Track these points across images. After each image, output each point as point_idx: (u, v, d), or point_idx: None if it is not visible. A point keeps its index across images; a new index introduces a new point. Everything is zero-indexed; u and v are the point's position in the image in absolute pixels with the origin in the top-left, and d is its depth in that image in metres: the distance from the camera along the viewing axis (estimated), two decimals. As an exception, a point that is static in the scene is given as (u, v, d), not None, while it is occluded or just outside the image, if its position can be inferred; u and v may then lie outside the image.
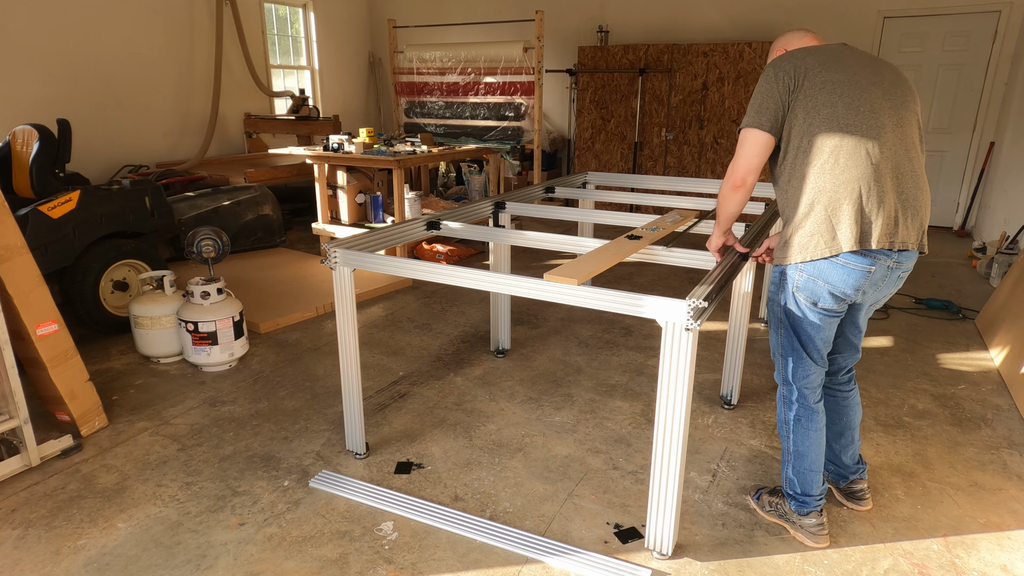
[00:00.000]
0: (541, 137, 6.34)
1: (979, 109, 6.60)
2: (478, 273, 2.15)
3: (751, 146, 1.97)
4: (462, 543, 2.15)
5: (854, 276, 1.90)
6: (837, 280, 1.91)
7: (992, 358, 3.67)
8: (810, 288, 1.95)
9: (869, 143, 1.85)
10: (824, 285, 1.93)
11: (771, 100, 1.93)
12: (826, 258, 1.89)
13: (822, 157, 1.87)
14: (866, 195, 1.85)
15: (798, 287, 1.98)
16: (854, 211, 1.85)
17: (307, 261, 5.43)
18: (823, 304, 1.97)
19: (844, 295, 1.95)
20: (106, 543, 2.14)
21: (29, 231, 3.39)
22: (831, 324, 2.04)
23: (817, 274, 1.93)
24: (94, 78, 6.23)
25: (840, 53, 1.95)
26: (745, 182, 2.00)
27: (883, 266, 1.91)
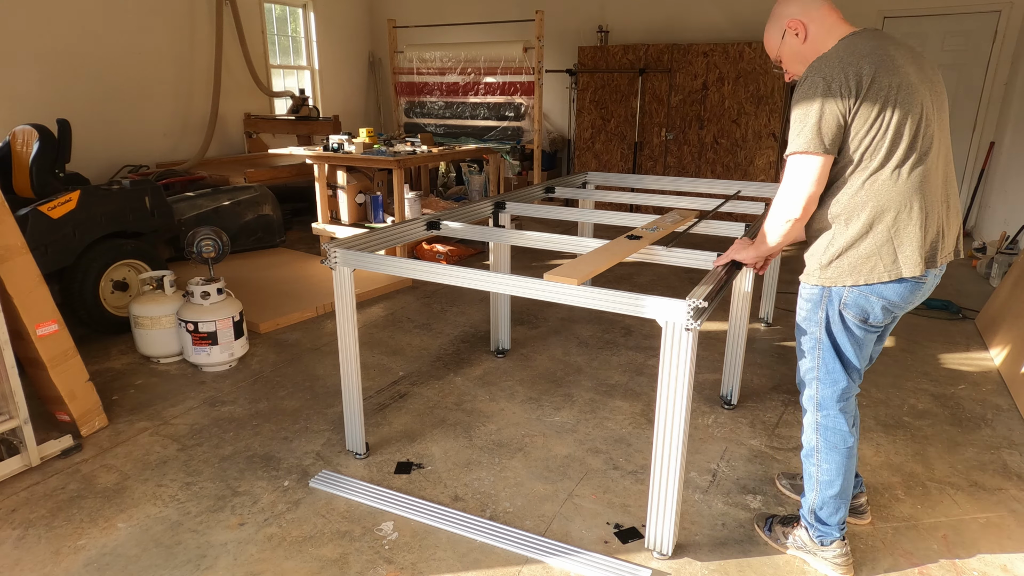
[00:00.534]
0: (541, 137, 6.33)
1: (979, 109, 6.59)
2: (478, 273, 2.15)
3: (811, 173, 1.71)
4: (462, 543, 2.15)
5: (909, 290, 1.79)
6: (893, 296, 1.79)
7: (992, 358, 3.67)
8: (861, 305, 1.81)
9: (927, 154, 1.72)
10: (879, 301, 1.79)
11: (829, 116, 1.68)
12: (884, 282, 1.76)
13: (884, 172, 1.71)
14: (929, 213, 1.73)
15: (846, 304, 1.82)
16: (920, 233, 1.72)
17: (307, 261, 5.43)
18: (873, 320, 1.83)
19: (896, 309, 1.83)
20: (106, 543, 2.14)
21: (29, 231, 3.39)
22: (873, 340, 1.91)
23: (870, 291, 1.79)
24: (94, 78, 6.22)
25: (888, 49, 1.72)
26: (805, 213, 1.77)
27: (933, 278, 1.83)
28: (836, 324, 1.85)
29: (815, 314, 1.89)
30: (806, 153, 1.70)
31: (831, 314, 1.85)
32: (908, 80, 1.69)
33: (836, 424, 1.94)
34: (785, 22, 1.85)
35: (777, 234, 1.86)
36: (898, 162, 1.70)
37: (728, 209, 3.36)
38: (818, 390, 1.94)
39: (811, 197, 1.74)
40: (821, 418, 1.96)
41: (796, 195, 1.74)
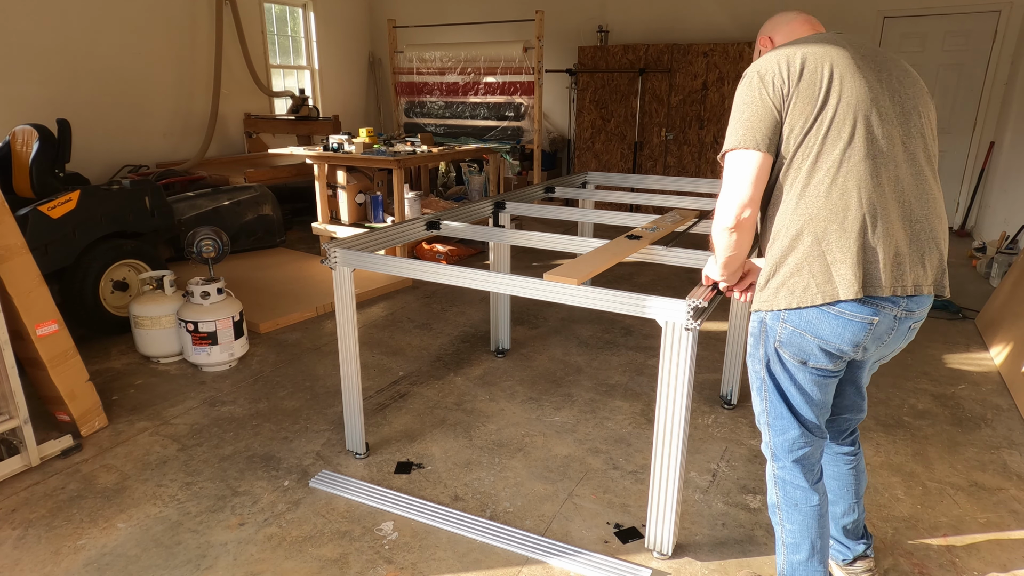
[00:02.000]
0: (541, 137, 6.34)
1: (979, 109, 6.60)
2: (478, 273, 2.15)
3: (745, 171, 1.51)
4: (462, 543, 2.15)
5: (851, 329, 1.50)
6: (829, 334, 1.51)
7: (992, 358, 3.67)
8: (796, 343, 1.56)
9: (873, 159, 1.47)
10: (813, 340, 1.53)
11: (763, 111, 1.51)
12: (817, 306, 1.50)
13: (816, 176, 1.49)
14: (871, 225, 1.46)
15: (781, 342, 1.58)
16: (856, 246, 1.45)
17: (307, 261, 5.43)
18: (814, 363, 1.57)
19: (840, 352, 1.54)
20: (106, 543, 2.14)
21: (29, 231, 3.39)
22: (826, 386, 1.63)
23: (804, 326, 1.53)
24: (94, 78, 6.23)
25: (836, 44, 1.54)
26: (740, 220, 1.53)
27: (888, 316, 1.51)
28: (775, 365, 1.63)
29: (757, 349, 1.67)
30: (736, 149, 1.52)
31: (768, 352, 1.63)
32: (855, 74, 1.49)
33: (793, 478, 1.69)
34: (759, 41, 1.81)
35: (719, 246, 1.63)
36: (831, 166, 1.47)
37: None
38: (770, 437, 1.72)
39: (745, 201, 1.51)
40: (777, 470, 1.73)
41: (729, 200, 1.53)
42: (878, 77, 1.52)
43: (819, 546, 1.70)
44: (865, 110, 1.48)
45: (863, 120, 1.47)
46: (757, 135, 1.50)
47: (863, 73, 1.50)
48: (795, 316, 1.54)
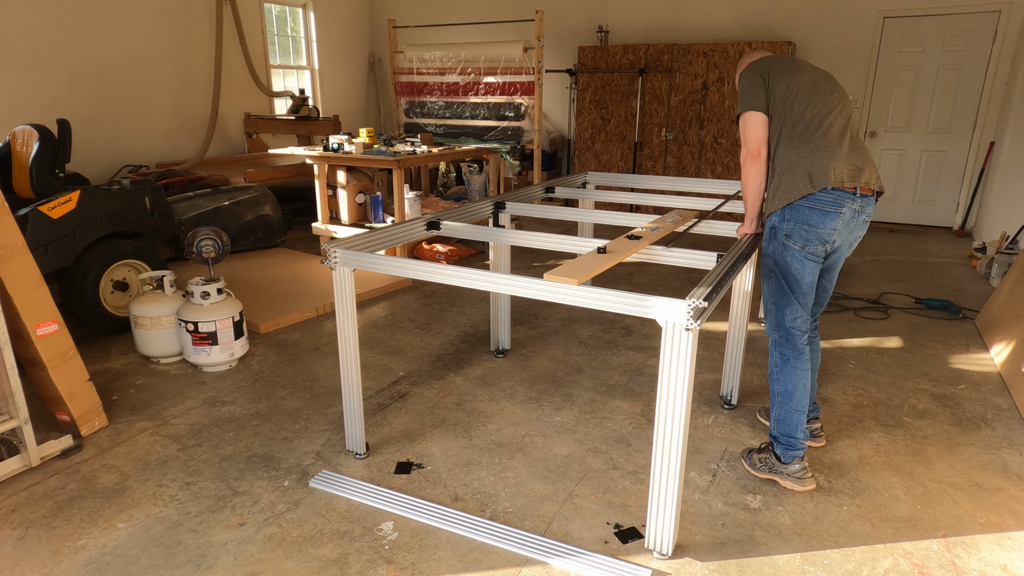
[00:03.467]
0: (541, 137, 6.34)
1: (979, 109, 6.59)
2: (478, 273, 2.15)
3: (754, 124, 2.37)
4: (462, 543, 2.15)
5: (830, 217, 2.28)
6: (817, 222, 2.28)
7: (992, 358, 3.67)
8: (799, 233, 2.30)
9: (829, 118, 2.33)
10: (809, 228, 2.29)
11: (758, 89, 2.37)
12: (806, 198, 2.26)
13: (798, 129, 2.33)
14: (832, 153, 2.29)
15: (787, 234, 2.33)
16: (825, 161, 2.28)
17: (307, 261, 5.43)
18: (810, 248, 2.31)
19: (825, 239, 2.31)
20: (106, 543, 2.14)
21: (29, 231, 3.39)
22: (815, 269, 2.37)
23: (801, 219, 2.29)
24: (94, 78, 6.23)
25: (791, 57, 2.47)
26: (760, 153, 2.37)
27: (851, 209, 2.29)
28: (780, 253, 2.36)
29: (768, 247, 2.41)
30: (747, 111, 2.37)
31: (778, 245, 2.37)
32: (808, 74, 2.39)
33: (790, 339, 2.41)
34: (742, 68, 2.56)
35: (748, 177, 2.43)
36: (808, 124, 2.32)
37: (728, 209, 3.36)
38: (774, 312, 2.43)
39: (759, 139, 2.36)
40: (778, 336, 2.43)
41: (749, 141, 2.38)
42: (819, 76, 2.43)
43: (802, 394, 2.40)
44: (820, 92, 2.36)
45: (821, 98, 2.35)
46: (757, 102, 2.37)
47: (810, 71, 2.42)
48: (793, 213, 2.31)
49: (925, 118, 6.87)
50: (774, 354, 2.46)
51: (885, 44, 6.85)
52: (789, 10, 7.05)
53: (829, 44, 6.99)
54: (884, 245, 6.39)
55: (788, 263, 2.35)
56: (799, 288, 2.37)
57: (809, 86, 2.37)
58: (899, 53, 6.81)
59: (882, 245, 6.38)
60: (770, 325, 2.46)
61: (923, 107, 6.84)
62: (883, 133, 7.07)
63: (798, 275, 2.35)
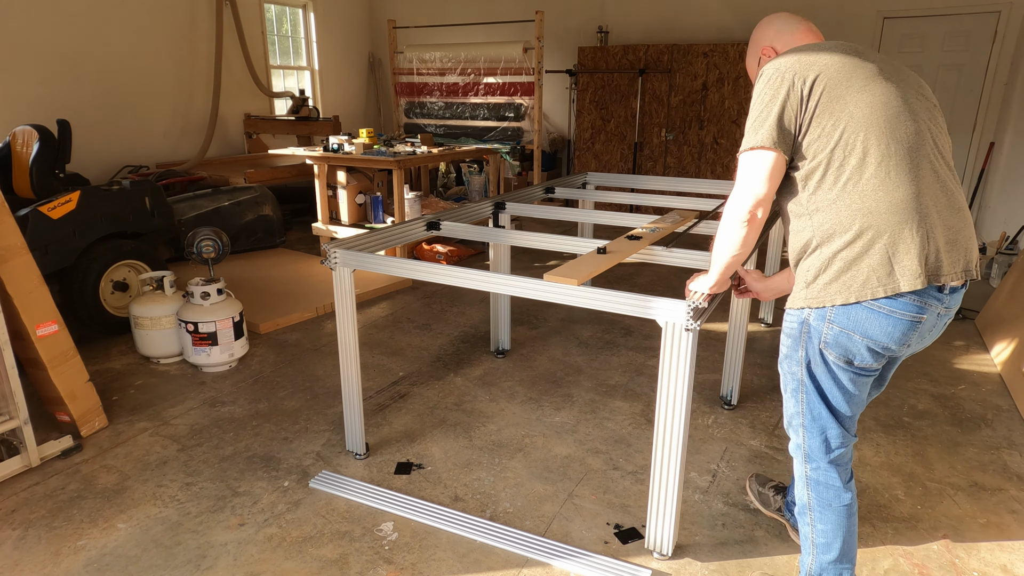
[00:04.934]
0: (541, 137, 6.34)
1: (979, 109, 6.59)
2: (478, 273, 2.15)
3: (760, 168, 1.56)
4: (462, 543, 2.15)
5: (901, 327, 1.52)
6: (879, 333, 1.53)
7: (992, 358, 3.66)
8: (843, 345, 1.57)
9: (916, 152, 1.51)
10: (862, 340, 1.55)
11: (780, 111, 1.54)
12: (872, 301, 1.51)
13: (867, 171, 1.50)
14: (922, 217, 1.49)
15: (827, 343, 1.59)
16: (918, 237, 1.48)
17: (307, 261, 5.43)
18: (860, 363, 1.59)
19: (886, 350, 1.57)
20: (106, 543, 2.14)
21: (29, 231, 3.39)
22: (867, 384, 1.66)
23: (853, 326, 1.54)
24: (94, 78, 6.23)
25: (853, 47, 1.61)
26: (758, 216, 1.60)
27: (933, 313, 1.54)
28: (818, 366, 1.64)
29: (795, 351, 1.67)
30: (753, 148, 1.57)
31: (812, 354, 1.64)
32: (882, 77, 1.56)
33: (827, 479, 1.72)
34: (760, 48, 1.83)
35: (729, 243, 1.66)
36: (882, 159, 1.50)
37: (728, 209, 3.35)
38: (805, 439, 1.73)
39: (761, 195, 1.57)
40: (811, 471, 1.75)
41: (744, 193, 1.59)
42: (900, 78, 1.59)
43: (849, 544, 1.75)
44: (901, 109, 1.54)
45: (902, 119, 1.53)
46: (774, 134, 1.55)
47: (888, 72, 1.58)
48: (843, 316, 1.54)
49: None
50: (803, 493, 1.77)
51: (885, 44, 6.84)
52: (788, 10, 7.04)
53: (829, 44, 6.98)
54: (884, 245, 6.38)
55: (827, 380, 1.64)
56: (844, 412, 1.68)
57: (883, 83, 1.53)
58: (899, 53, 6.81)
59: (882, 245, 6.37)
60: (797, 451, 1.78)
61: (923, 107, 6.83)
62: (883, 133, 7.05)
63: (842, 396, 1.65)
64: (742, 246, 1.65)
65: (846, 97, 1.52)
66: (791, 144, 1.57)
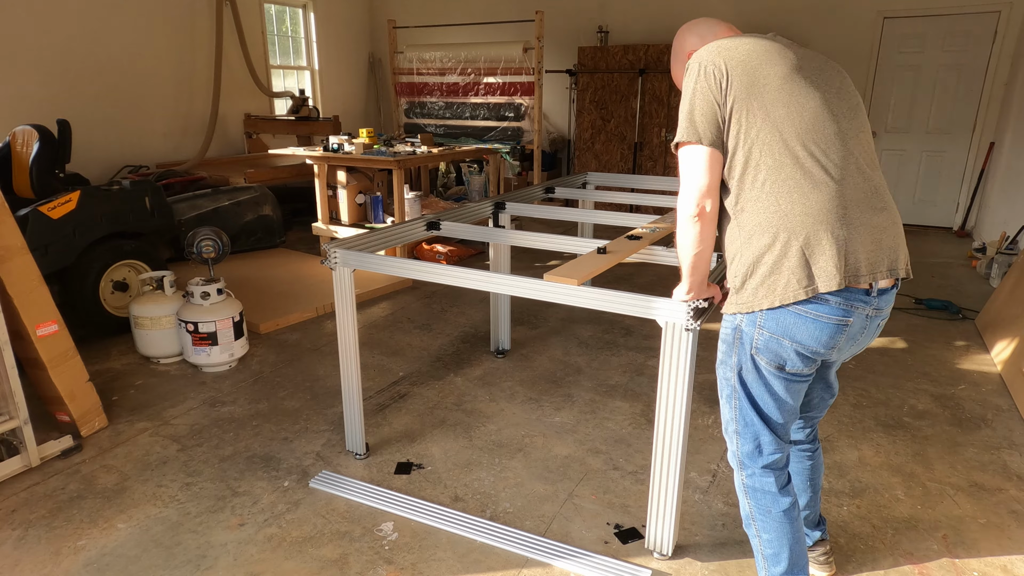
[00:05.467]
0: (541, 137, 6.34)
1: (979, 109, 6.60)
2: (478, 273, 2.15)
3: (695, 161, 1.54)
4: (462, 543, 2.15)
5: (827, 331, 1.53)
6: (806, 337, 1.53)
7: (992, 358, 3.66)
8: (774, 350, 1.56)
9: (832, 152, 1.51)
10: (791, 344, 1.54)
11: (705, 105, 1.53)
12: (795, 304, 1.50)
13: (784, 171, 1.50)
14: (846, 214, 1.49)
15: (758, 348, 1.58)
16: (835, 238, 1.48)
17: (307, 261, 5.43)
18: (791, 368, 1.58)
19: (815, 354, 1.57)
20: (106, 544, 2.14)
21: (29, 231, 3.39)
22: (799, 391, 1.65)
23: (782, 331, 1.54)
24: (94, 79, 6.23)
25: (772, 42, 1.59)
26: (706, 209, 1.55)
27: (861, 316, 1.54)
28: (749, 372, 1.63)
29: (729, 357, 1.67)
30: (685, 143, 1.56)
31: (743, 360, 1.62)
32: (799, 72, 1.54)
33: (763, 485, 1.70)
34: (686, 54, 1.75)
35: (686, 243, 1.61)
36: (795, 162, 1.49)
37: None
38: (738, 445, 1.72)
39: (704, 187, 1.54)
40: (746, 478, 1.73)
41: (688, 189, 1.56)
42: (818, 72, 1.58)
43: (798, 553, 1.72)
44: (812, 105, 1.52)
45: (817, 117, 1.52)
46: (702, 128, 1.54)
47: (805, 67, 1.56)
48: (772, 321, 1.54)
49: (925, 118, 6.87)
50: (744, 502, 1.76)
51: (885, 44, 6.85)
52: (789, 10, 7.05)
53: (829, 44, 6.99)
54: (884, 245, 6.38)
55: (758, 386, 1.63)
56: (776, 418, 1.66)
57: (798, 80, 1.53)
58: (899, 53, 6.81)
59: (882, 245, 6.38)
60: (733, 459, 1.76)
61: (923, 107, 6.84)
62: (883, 134, 7.07)
63: (774, 402, 1.64)
64: (699, 243, 1.60)
65: (764, 94, 1.51)
66: (720, 134, 1.54)
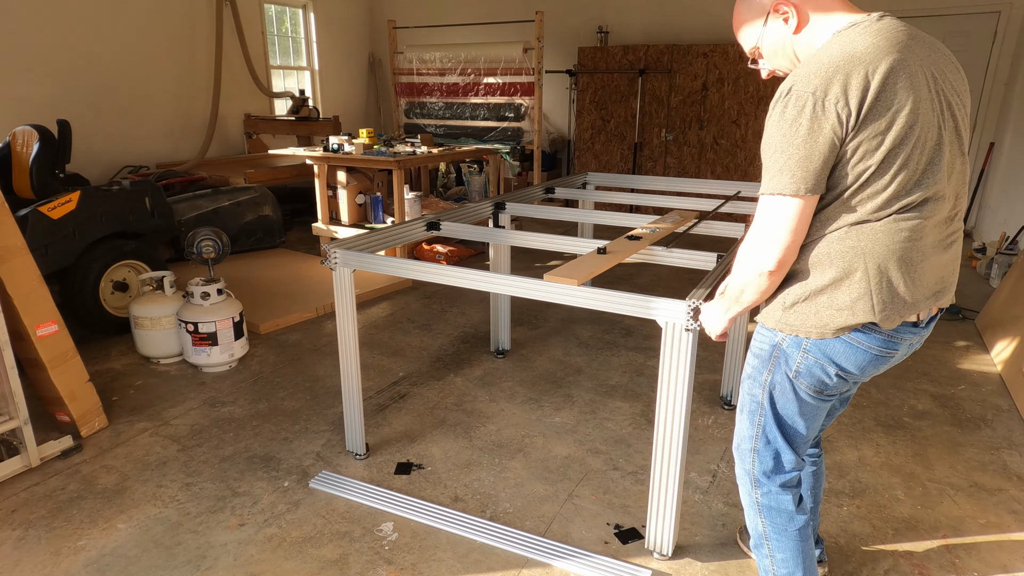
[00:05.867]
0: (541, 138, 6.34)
1: (979, 109, 6.59)
2: (478, 273, 2.15)
3: (794, 218, 1.34)
4: (462, 544, 2.15)
5: (876, 361, 1.47)
6: (852, 365, 1.46)
7: (992, 358, 3.66)
8: (816, 375, 1.48)
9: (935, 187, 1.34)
10: (834, 371, 1.47)
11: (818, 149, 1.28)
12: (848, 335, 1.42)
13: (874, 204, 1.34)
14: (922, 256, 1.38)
15: (799, 372, 1.49)
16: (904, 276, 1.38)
17: (307, 261, 5.43)
18: (829, 391, 1.52)
19: (858, 379, 1.53)
20: (106, 544, 2.14)
21: (29, 232, 3.39)
22: (825, 410, 1.59)
23: (828, 356, 1.45)
24: (94, 79, 6.23)
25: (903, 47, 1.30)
26: (783, 267, 1.41)
27: (905, 345, 1.47)
28: (783, 392, 1.54)
29: (761, 374, 1.57)
30: (785, 195, 1.33)
31: (779, 380, 1.53)
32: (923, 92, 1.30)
33: (779, 504, 1.63)
34: (771, 3, 1.42)
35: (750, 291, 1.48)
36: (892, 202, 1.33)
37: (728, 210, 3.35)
38: (755, 464, 1.64)
39: (794, 245, 1.37)
40: (761, 497, 1.65)
41: (774, 243, 1.37)
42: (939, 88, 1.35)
43: (811, 571, 1.67)
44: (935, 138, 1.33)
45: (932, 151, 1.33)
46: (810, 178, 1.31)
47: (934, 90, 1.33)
48: (817, 347, 1.45)
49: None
50: (756, 521, 1.68)
51: (885, 44, 6.84)
52: (789, 10, 7.04)
53: (829, 44, 6.98)
54: (884, 245, 6.38)
55: (790, 407, 1.55)
56: (799, 437, 1.60)
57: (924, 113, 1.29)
58: (899, 53, 6.81)
59: (882, 245, 6.38)
60: (745, 477, 1.68)
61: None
62: (883, 133, 7.06)
63: (803, 420, 1.57)
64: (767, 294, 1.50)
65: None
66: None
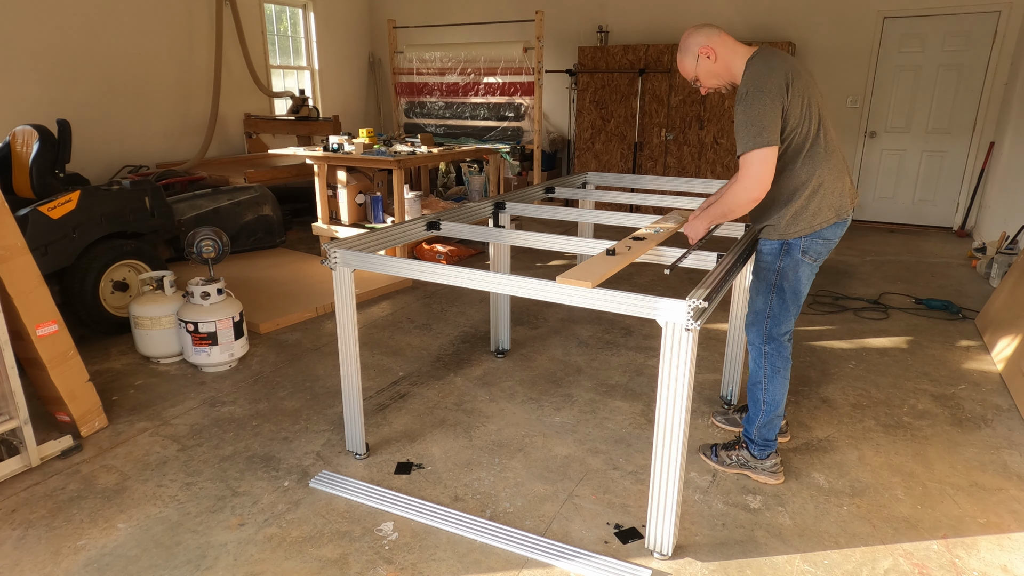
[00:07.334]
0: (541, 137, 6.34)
1: (979, 109, 6.60)
2: (478, 273, 2.15)
3: (769, 164, 2.12)
4: (462, 543, 2.15)
5: (840, 230, 2.34)
6: (833, 236, 2.33)
7: (992, 358, 3.67)
8: (816, 249, 2.32)
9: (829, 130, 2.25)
10: (825, 243, 2.32)
11: (774, 113, 2.11)
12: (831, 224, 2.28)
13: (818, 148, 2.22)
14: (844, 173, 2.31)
15: (805, 250, 2.32)
16: (844, 185, 2.30)
17: (307, 261, 5.43)
18: (821, 259, 2.36)
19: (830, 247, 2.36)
20: (106, 543, 2.14)
21: (29, 231, 3.39)
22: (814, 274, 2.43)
23: (821, 234, 2.30)
24: (94, 78, 6.23)
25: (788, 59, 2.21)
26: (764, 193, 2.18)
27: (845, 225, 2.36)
28: (795, 268, 2.34)
29: (775, 263, 2.36)
30: (765, 147, 2.10)
31: (793, 261, 2.33)
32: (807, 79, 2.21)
33: (783, 351, 2.42)
34: (697, 49, 2.30)
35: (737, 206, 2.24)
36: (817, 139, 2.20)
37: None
38: (768, 327, 2.41)
39: (767, 181, 2.15)
40: (769, 349, 2.42)
41: (759, 182, 2.14)
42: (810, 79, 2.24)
43: (783, 400, 2.44)
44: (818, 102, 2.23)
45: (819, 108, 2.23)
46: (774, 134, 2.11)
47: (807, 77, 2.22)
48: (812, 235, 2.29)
49: (925, 118, 6.87)
50: (763, 365, 2.45)
51: (885, 44, 6.85)
52: (789, 10, 7.05)
53: (829, 44, 6.99)
54: (884, 245, 6.39)
55: (799, 277, 2.35)
56: (800, 299, 2.39)
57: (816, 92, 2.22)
58: (899, 53, 6.81)
59: (882, 245, 6.38)
60: (758, 337, 2.44)
61: (923, 107, 6.84)
62: (883, 133, 7.07)
63: (805, 284, 2.37)
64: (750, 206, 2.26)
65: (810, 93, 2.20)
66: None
